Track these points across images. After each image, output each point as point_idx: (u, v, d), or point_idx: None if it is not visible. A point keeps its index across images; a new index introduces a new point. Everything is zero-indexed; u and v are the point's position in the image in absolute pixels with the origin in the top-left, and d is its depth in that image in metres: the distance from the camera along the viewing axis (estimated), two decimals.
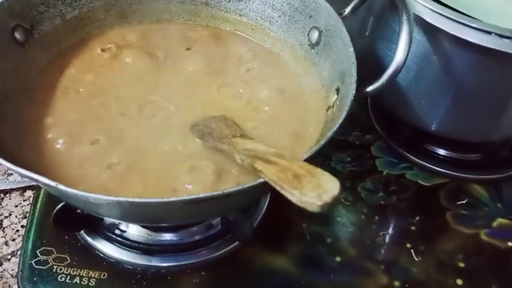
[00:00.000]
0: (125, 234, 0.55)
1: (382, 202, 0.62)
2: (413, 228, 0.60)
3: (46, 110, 0.52)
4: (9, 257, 0.60)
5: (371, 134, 0.69)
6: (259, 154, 0.41)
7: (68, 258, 0.54)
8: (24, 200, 0.66)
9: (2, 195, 0.66)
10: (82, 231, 0.55)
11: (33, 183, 0.67)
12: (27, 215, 0.64)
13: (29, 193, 0.67)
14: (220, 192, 0.36)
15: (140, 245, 0.54)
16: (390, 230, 0.59)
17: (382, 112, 0.69)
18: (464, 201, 0.63)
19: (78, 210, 0.51)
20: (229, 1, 0.62)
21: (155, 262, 0.53)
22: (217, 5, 0.63)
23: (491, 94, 0.55)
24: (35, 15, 0.55)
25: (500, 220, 0.61)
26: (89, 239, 0.55)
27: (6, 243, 0.61)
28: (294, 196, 0.34)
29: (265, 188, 0.37)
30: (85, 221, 0.53)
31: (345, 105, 0.44)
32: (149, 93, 0.55)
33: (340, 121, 0.42)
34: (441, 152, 0.68)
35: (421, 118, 0.60)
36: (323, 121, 0.50)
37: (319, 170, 0.35)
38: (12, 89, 0.50)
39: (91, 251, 0.54)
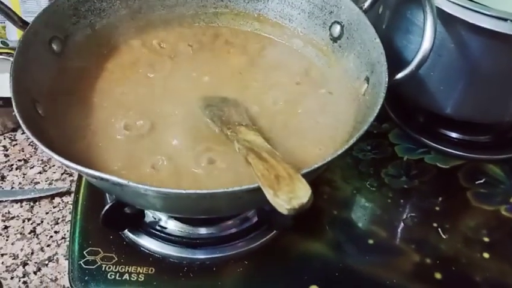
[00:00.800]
0: (166, 230, 0.57)
1: (405, 186, 0.65)
2: (437, 208, 0.63)
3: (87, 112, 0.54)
4: (47, 262, 0.62)
5: (387, 122, 0.72)
6: (254, 147, 0.43)
7: (115, 256, 0.55)
8: (54, 207, 0.68)
9: (31, 204, 0.68)
10: (126, 230, 0.57)
11: (61, 190, 0.69)
12: (59, 221, 0.65)
13: (57, 200, 0.68)
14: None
15: (184, 239, 0.56)
16: (416, 211, 0.62)
17: (396, 101, 0.72)
18: (482, 181, 0.66)
19: (126, 209, 0.53)
20: (248, 2, 0.65)
21: (199, 255, 0.56)
22: (236, 6, 0.65)
23: (504, 77, 0.59)
24: (68, 26, 0.57)
25: None
26: (133, 236, 0.56)
27: (41, 249, 0.63)
28: (269, 194, 0.36)
29: None
30: (130, 220, 0.55)
31: (380, 92, 0.46)
32: (186, 92, 0.57)
33: (379, 106, 0.45)
34: (454, 135, 0.71)
35: (438, 103, 0.63)
36: (354, 109, 0.53)
37: (298, 176, 0.37)
38: (57, 93, 0.52)
39: (136, 248, 0.56)
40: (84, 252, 0.55)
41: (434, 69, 0.59)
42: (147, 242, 0.56)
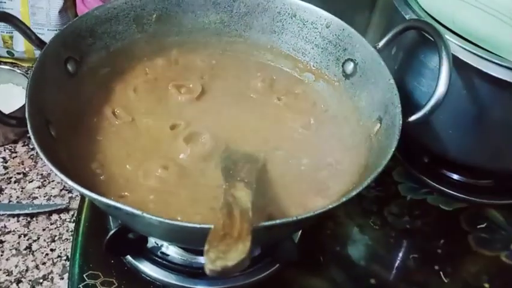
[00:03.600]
0: (168, 258, 0.57)
1: (408, 226, 0.65)
2: (439, 251, 0.63)
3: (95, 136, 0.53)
4: (41, 280, 0.61)
5: (391, 160, 0.72)
6: (233, 204, 0.41)
7: (115, 282, 0.55)
8: (51, 224, 0.67)
9: (28, 219, 0.67)
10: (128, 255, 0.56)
11: (59, 207, 0.68)
12: (55, 239, 0.65)
13: (55, 216, 0.68)
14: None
15: (186, 268, 0.56)
16: (419, 253, 0.62)
17: (401, 139, 0.73)
18: (483, 225, 0.67)
19: (130, 235, 0.53)
20: (262, 33, 0.65)
21: (201, 285, 0.55)
22: (250, 37, 0.66)
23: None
24: (84, 47, 0.57)
25: None
26: (135, 262, 0.56)
27: (36, 266, 0.62)
28: (205, 247, 0.34)
29: None
30: (133, 245, 0.55)
31: (394, 134, 0.47)
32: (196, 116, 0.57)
33: (393, 149, 0.45)
34: (457, 177, 0.72)
35: (444, 145, 0.64)
36: (365, 149, 0.53)
37: (247, 238, 0.35)
38: (69, 115, 0.52)
39: (138, 274, 0.56)
40: (84, 275, 0.55)
41: (443, 112, 0.60)
42: (149, 269, 0.56)
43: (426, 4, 0.59)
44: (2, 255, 0.62)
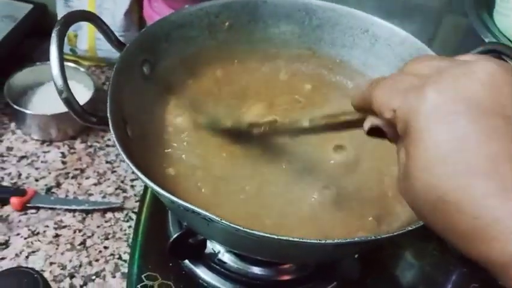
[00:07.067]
0: (225, 265, 0.57)
1: None
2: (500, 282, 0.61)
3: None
4: (94, 277, 0.61)
5: None
6: None
7: (172, 285, 0.55)
8: (106, 221, 0.68)
9: (84, 215, 0.68)
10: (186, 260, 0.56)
11: (114, 205, 0.68)
12: (109, 237, 0.65)
13: (109, 215, 0.68)
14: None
15: (243, 278, 0.55)
16: (479, 283, 0.61)
17: None
18: None
19: (190, 240, 0.52)
20: (331, 47, 0.65)
21: None
22: (319, 50, 0.65)
23: None
24: (159, 51, 0.57)
25: None
26: (192, 267, 0.56)
27: (90, 263, 0.63)
28: None
29: None
30: (193, 250, 0.55)
31: None
32: None
33: None
34: None
35: None
36: None
37: None
38: (142, 115, 0.53)
39: (194, 279, 0.56)
40: (142, 276, 0.55)
41: None
42: (206, 275, 0.56)
43: (505, 28, 0.58)
44: (57, 249, 0.63)
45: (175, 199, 0.38)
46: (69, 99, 0.42)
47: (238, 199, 0.49)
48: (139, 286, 0.54)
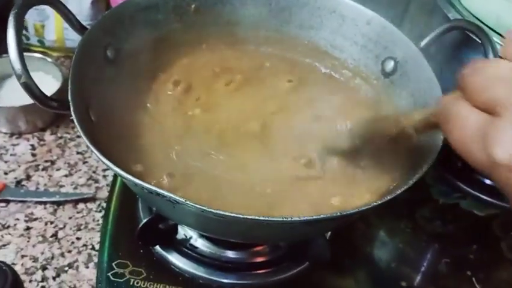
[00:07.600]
0: (197, 250, 0.56)
1: (440, 230, 0.64)
2: (471, 256, 0.62)
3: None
4: (67, 268, 0.60)
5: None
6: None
7: (143, 271, 0.54)
8: (77, 212, 0.67)
9: (55, 207, 0.67)
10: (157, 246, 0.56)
11: (86, 196, 0.68)
12: (81, 228, 0.64)
13: (81, 205, 0.68)
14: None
15: (215, 261, 0.55)
16: (451, 257, 0.61)
17: None
18: None
19: (160, 225, 0.52)
20: (300, 29, 0.64)
21: (230, 279, 0.54)
22: (287, 32, 0.65)
23: None
24: (124, 35, 0.56)
25: None
26: (164, 253, 0.55)
27: (62, 254, 0.62)
28: None
29: None
30: (163, 236, 0.54)
31: (438, 136, 0.46)
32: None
33: (437, 153, 0.44)
34: (489, 182, 0.70)
35: None
36: (403, 152, 0.52)
37: None
38: (107, 100, 0.52)
39: (166, 265, 0.55)
40: (113, 264, 0.54)
41: None
42: (178, 260, 0.55)
43: (469, 4, 0.58)
44: (28, 242, 0.62)
45: (137, 181, 0.38)
46: (28, 84, 0.41)
47: (207, 182, 0.48)
48: (109, 274, 0.53)
